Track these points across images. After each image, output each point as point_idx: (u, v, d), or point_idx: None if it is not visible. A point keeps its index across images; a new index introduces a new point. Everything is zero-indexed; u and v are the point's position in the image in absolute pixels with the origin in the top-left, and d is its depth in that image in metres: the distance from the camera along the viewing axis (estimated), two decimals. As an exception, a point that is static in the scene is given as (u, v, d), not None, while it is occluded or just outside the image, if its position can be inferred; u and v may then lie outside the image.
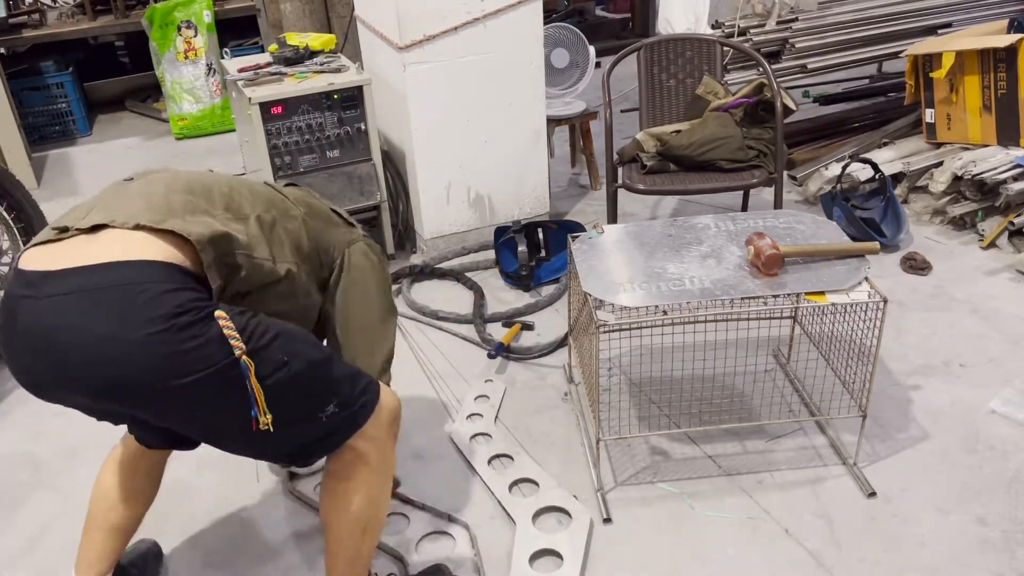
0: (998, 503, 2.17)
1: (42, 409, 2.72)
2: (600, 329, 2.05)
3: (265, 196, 1.72)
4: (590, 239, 2.38)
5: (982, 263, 3.26)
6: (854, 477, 2.27)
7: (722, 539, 2.11)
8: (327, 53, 3.46)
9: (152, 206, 1.50)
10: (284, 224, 1.69)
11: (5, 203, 3.16)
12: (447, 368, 2.84)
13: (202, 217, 1.52)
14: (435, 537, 2.15)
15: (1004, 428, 2.43)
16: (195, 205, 1.55)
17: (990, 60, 3.50)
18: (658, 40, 3.43)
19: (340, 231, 1.88)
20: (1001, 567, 1.99)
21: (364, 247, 1.90)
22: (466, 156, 3.41)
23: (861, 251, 2.21)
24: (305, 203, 1.83)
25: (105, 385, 1.41)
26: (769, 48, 4.01)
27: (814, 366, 2.50)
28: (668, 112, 3.45)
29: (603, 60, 3.70)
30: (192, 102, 5.12)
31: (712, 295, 2.07)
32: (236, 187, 1.68)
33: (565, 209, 3.90)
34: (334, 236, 1.85)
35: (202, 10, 5.01)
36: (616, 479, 2.32)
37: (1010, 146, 3.50)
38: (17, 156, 4.45)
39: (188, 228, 1.46)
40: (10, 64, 5.06)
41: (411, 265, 3.40)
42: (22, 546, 2.22)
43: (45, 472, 2.47)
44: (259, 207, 1.65)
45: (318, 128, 3.16)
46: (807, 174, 3.87)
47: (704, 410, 2.45)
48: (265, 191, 1.75)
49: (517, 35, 3.28)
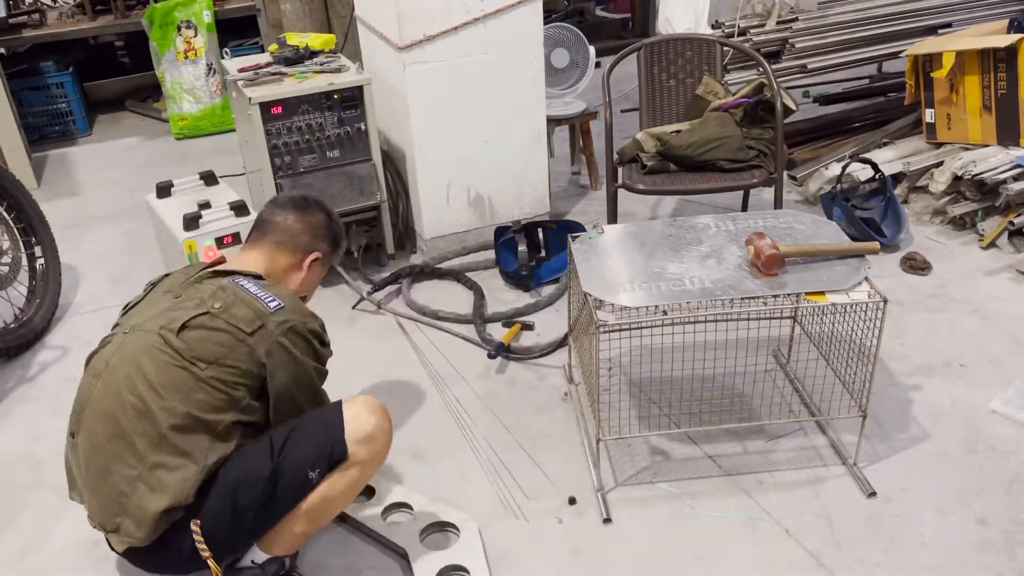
0: (998, 503, 2.17)
1: (42, 409, 2.74)
2: (600, 329, 2.05)
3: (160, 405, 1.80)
4: (590, 239, 2.38)
5: (982, 263, 3.26)
6: (854, 477, 2.27)
7: (722, 539, 2.11)
8: (327, 53, 3.45)
9: (103, 503, 1.82)
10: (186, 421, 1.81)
11: (5, 203, 3.16)
12: (447, 368, 2.83)
13: (139, 497, 1.77)
14: (438, 536, 2.15)
15: (1004, 428, 2.43)
16: (128, 479, 1.78)
17: (990, 60, 3.50)
18: (658, 40, 3.43)
19: (244, 346, 1.84)
20: (1001, 567, 1.99)
21: (282, 349, 1.88)
22: (466, 156, 3.41)
23: (861, 251, 2.21)
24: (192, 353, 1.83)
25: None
26: (769, 48, 4.01)
27: (814, 366, 2.50)
28: (668, 112, 3.45)
29: (603, 60, 3.70)
30: (192, 102, 5.12)
31: (712, 295, 2.07)
32: (144, 421, 1.79)
33: (565, 209, 3.90)
34: (242, 357, 1.84)
35: (202, 10, 5.01)
36: (616, 479, 2.32)
37: (1010, 146, 3.50)
38: (17, 156, 4.45)
39: (134, 535, 1.78)
40: (10, 64, 5.05)
41: (411, 265, 3.40)
42: (22, 546, 2.22)
43: (45, 472, 2.47)
44: (170, 421, 1.78)
45: (318, 128, 3.16)
46: (807, 174, 3.87)
47: (704, 410, 2.45)
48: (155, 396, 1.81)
49: (517, 35, 3.28)
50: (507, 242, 3.34)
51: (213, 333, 1.83)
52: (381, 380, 2.79)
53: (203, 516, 1.79)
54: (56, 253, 3.33)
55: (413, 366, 2.86)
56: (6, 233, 3.15)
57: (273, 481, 1.84)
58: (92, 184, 4.57)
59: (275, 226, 2.10)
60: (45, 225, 3.31)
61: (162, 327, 1.84)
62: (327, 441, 1.88)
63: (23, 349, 3.03)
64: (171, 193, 3.32)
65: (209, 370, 1.81)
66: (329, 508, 1.94)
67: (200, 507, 1.80)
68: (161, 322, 1.86)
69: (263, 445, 1.87)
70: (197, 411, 1.79)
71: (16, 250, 3.17)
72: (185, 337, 1.83)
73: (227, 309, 1.86)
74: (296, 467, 1.86)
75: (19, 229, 3.21)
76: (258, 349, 1.85)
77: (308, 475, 1.87)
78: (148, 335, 1.85)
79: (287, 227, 2.10)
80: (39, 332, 3.11)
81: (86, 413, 1.85)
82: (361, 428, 1.91)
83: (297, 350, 1.90)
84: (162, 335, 1.83)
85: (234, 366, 1.83)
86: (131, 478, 1.77)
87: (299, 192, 2.56)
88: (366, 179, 3.28)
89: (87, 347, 2.06)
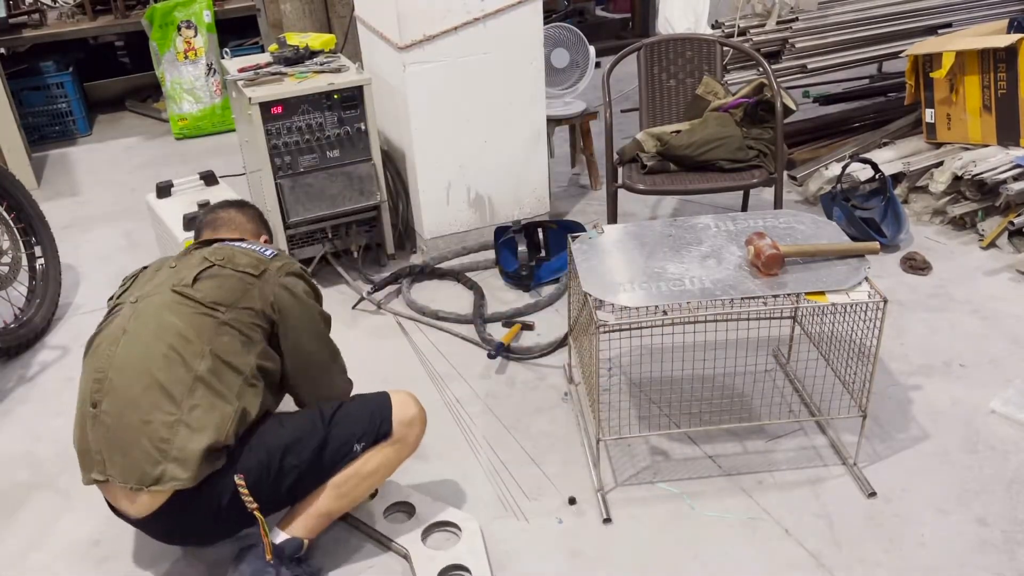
0: (998, 503, 2.17)
1: (42, 409, 2.74)
2: (600, 329, 2.05)
3: (190, 348, 1.89)
4: (590, 239, 2.38)
5: (982, 263, 3.26)
6: (854, 477, 2.27)
7: (722, 539, 2.12)
8: (327, 53, 3.45)
9: (141, 458, 1.82)
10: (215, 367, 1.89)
11: (5, 203, 3.16)
12: (447, 368, 2.84)
13: (182, 439, 1.82)
14: (440, 535, 2.16)
15: (1004, 428, 2.43)
16: (167, 423, 1.82)
17: (990, 60, 3.50)
18: (658, 40, 3.43)
19: (256, 288, 1.99)
20: (1001, 567, 1.99)
21: (287, 291, 2.03)
22: (466, 156, 3.41)
23: (861, 251, 2.21)
24: (213, 294, 1.95)
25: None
26: (769, 48, 4.01)
27: (814, 366, 2.50)
28: (668, 112, 3.45)
29: (603, 60, 3.70)
30: (192, 102, 5.12)
31: (712, 295, 2.07)
32: (173, 366, 1.86)
33: (565, 209, 3.90)
34: (254, 298, 1.98)
35: (202, 10, 5.01)
36: (616, 479, 2.32)
37: (1010, 146, 3.50)
38: (17, 156, 4.45)
39: (180, 476, 1.81)
40: (10, 64, 5.06)
41: (411, 265, 3.40)
42: (22, 546, 2.22)
43: (45, 472, 2.48)
44: (203, 365, 1.87)
45: (318, 128, 3.16)
46: (807, 174, 3.87)
47: (704, 410, 2.45)
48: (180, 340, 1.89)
49: (517, 35, 3.28)
50: (507, 242, 3.35)
51: (225, 280, 1.97)
52: (381, 380, 2.78)
53: (247, 472, 1.87)
54: (56, 253, 3.33)
55: (413, 366, 2.86)
56: (6, 233, 3.15)
57: (321, 447, 1.95)
58: (92, 184, 4.57)
59: (222, 220, 2.30)
60: (45, 225, 3.31)
61: (174, 286, 1.95)
62: (377, 416, 2.02)
63: (23, 349, 3.03)
64: (171, 193, 3.32)
65: (229, 312, 1.93)
66: (357, 485, 2.02)
67: (244, 463, 1.88)
68: (171, 284, 1.96)
69: (313, 413, 2.01)
70: (223, 354, 1.89)
71: (16, 250, 3.17)
72: (200, 287, 1.95)
73: (230, 260, 2.01)
74: (344, 437, 1.98)
75: (19, 229, 3.21)
76: (266, 291, 1.99)
77: (353, 447, 1.99)
78: (162, 296, 1.94)
79: (232, 218, 2.31)
80: (39, 332, 3.11)
81: (110, 378, 1.87)
82: (406, 412, 2.06)
83: (301, 291, 2.05)
84: (178, 291, 1.94)
85: (249, 307, 1.96)
86: (170, 423, 1.82)
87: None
88: (366, 179, 3.28)
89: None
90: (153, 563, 2.15)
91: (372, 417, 2.02)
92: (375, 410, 2.04)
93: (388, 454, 2.04)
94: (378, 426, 2.02)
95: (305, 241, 3.33)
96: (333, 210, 3.23)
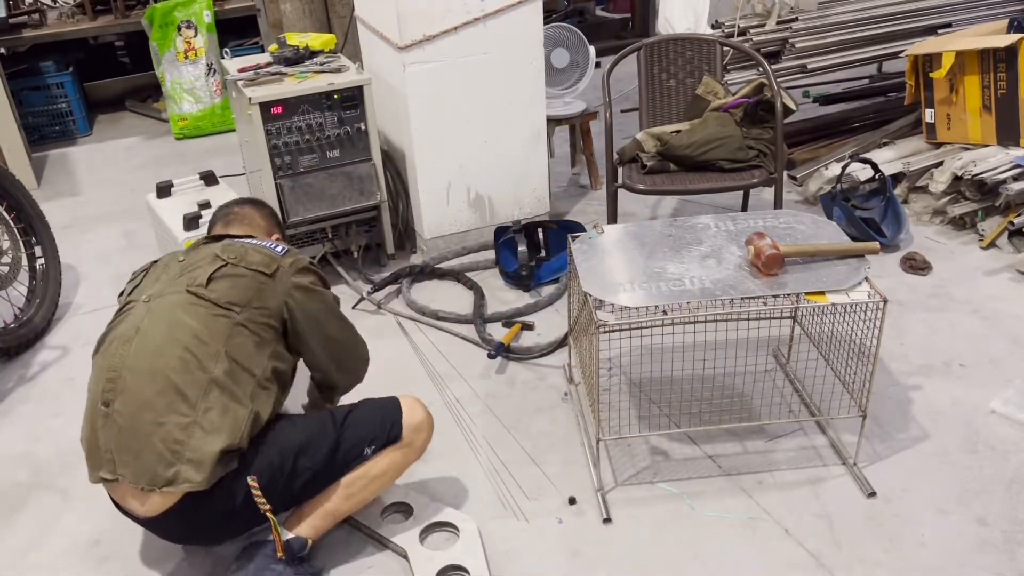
0: (998, 503, 2.17)
1: (42, 409, 2.74)
2: (600, 329, 2.05)
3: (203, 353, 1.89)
4: (590, 239, 2.38)
5: (982, 263, 3.26)
6: (854, 477, 2.27)
7: (722, 539, 2.11)
8: (327, 53, 3.45)
9: (154, 459, 1.81)
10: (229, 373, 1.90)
11: (5, 203, 3.16)
12: (447, 368, 2.84)
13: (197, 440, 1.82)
14: (438, 536, 2.15)
15: (1004, 428, 2.43)
16: (182, 425, 1.83)
17: (990, 60, 3.50)
18: (658, 40, 3.43)
19: (269, 287, 2.01)
20: (1001, 567, 1.99)
21: (300, 288, 2.06)
22: (466, 156, 3.41)
23: (861, 251, 2.21)
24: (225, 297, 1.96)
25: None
26: (769, 48, 4.01)
27: (814, 366, 2.50)
28: (668, 112, 3.45)
29: (603, 60, 3.70)
30: (192, 102, 5.12)
31: (712, 295, 2.07)
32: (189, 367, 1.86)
33: (565, 209, 3.90)
34: (268, 297, 2.00)
35: (202, 10, 5.01)
36: (616, 479, 2.32)
37: (1010, 146, 3.50)
38: (17, 156, 4.45)
39: (194, 479, 1.81)
40: (10, 64, 5.06)
41: (411, 265, 3.40)
42: (22, 546, 2.22)
43: (45, 472, 2.47)
44: (219, 367, 1.88)
45: (318, 128, 3.16)
46: (807, 174, 3.87)
47: (704, 410, 2.45)
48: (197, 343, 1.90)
49: (517, 35, 3.28)
50: (507, 242, 3.35)
51: (238, 279, 1.98)
52: (381, 380, 2.79)
53: (260, 473, 1.89)
54: (56, 253, 3.33)
55: (413, 366, 2.86)
56: (6, 233, 3.15)
57: (334, 449, 1.98)
58: (92, 184, 4.57)
59: (236, 215, 2.31)
60: (45, 225, 3.31)
61: (188, 286, 1.95)
62: (388, 420, 2.06)
63: (23, 349, 3.03)
64: (171, 193, 3.32)
65: (244, 313, 1.95)
66: (365, 487, 2.05)
67: (257, 464, 1.90)
68: (184, 283, 1.96)
69: (324, 416, 2.05)
70: (238, 356, 1.91)
71: (16, 250, 3.17)
72: (215, 287, 1.95)
73: (243, 258, 2.01)
74: (356, 439, 2.02)
75: (19, 229, 3.21)
76: (279, 290, 2.01)
77: (364, 450, 2.02)
78: (176, 296, 1.95)
79: (247, 214, 2.32)
80: (39, 332, 3.11)
81: (124, 377, 1.86)
82: (415, 416, 2.10)
83: (313, 284, 2.11)
84: (192, 291, 1.94)
85: (263, 306, 1.98)
86: (184, 424, 1.82)
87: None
88: (366, 179, 3.28)
89: (87, 347, 2.07)
90: (153, 563, 2.15)
91: (383, 421, 2.05)
92: (386, 414, 2.07)
93: (396, 458, 2.07)
94: (389, 430, 2.05)
95: (305, 241, 3.33)
96: (333, 210, 3.24)
